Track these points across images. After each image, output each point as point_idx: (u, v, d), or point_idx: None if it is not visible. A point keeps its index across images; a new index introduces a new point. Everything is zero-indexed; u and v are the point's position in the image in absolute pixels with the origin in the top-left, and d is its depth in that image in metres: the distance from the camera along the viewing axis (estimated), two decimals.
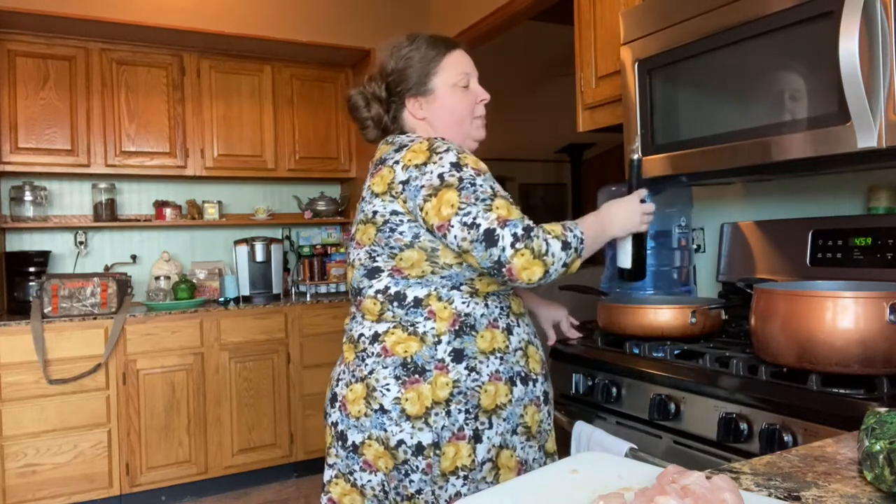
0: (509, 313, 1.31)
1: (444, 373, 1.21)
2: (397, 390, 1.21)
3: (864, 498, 0.68)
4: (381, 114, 1.37)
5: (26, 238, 3.44)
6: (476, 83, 1.39)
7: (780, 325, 1.23)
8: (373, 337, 1.26)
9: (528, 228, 1.14)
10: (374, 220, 1.26)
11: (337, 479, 1.29)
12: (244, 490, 3.35)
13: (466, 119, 1.36)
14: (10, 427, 2.85)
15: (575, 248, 1.18)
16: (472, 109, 1.37)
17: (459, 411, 1.21)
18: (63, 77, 3.27)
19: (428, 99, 1.35)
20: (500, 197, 1.18)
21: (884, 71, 1.18)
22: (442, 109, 1.35)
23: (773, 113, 1.39)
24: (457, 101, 1.35)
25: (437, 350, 1.22)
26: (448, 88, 1.34)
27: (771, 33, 1.38)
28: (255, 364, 3.38)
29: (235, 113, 3.66)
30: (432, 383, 1.21)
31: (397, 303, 1.24)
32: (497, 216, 1.14)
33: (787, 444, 1.14)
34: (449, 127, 1.35)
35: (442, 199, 1.17)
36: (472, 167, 1.20)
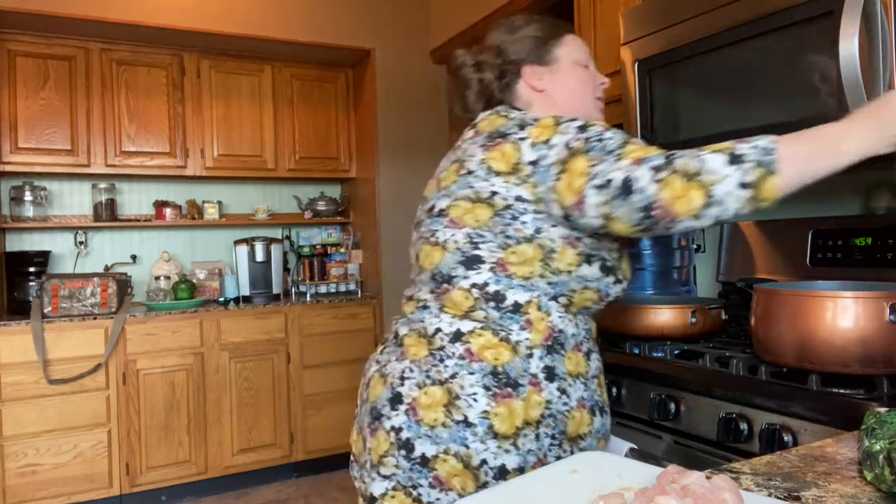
0: (589, 337, 1.17)
1: (537, 390, 1.06)
2: (486, 402, 1.04)
3: (864, 498, 0.68)
4: (491, 80, 1.23)
5: (26, 238, 3.44)
6: (594, 67, 1.28)
7: (780, 325, 1.23)
8: (454, 335, 1.09)
9: (670, 158, 0.93)
10: (490, 202, 1.08)
11: (395, 493, 1.08)
12: (244, 490, 3.35)
13: (588, 98, 1.24)
14: (10, 427, 2.85)
15: (756, 160, 0.88)
16: (593, 89, 1.26)
17: (546, 435, 1.06)
18: (63, 77, 3.28)
19: (550, 69, 1.22)
20: (632, 143, 1.00)
21: (884, 71, 1.18)
22: (564, 83, 1.23)
23: (773, 112, 1.39)
24: (578, 77, 1.24)
25: (529, 363, 1.07)
26: (570, 62, 1.23)
27: (771, 33, 1.38)
28: (255, 364, 3.38)
29: (235, 113, 3.66)
30: (525, 400, 1.05)
31: (494, 303, 1.08)
32: (630, 160, 0.95)
33: (787, 444, 1.14)
34: (570, 102, 1.22)
35: (572, 169, 1.00)
36: (599, 125, 1.06)
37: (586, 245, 1.08)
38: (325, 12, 3.71)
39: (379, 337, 3.69)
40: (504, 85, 1.24)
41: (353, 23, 3.76)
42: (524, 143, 1.08)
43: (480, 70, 1.24)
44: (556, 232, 1.06)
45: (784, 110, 1.37)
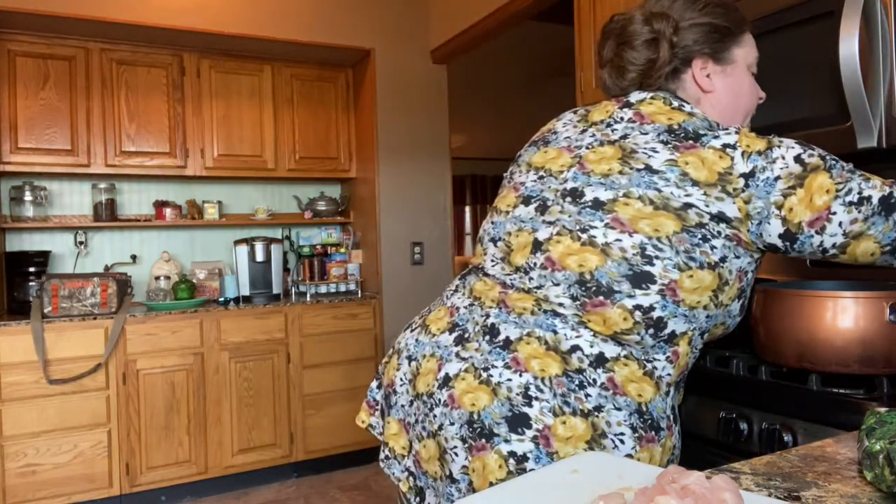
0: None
1: (670, 434, 0.94)
2: (632, 445, 0.90)
3: (864, 498, 0.68)
4: (666, 61, 1.04)
5: (26, 238, 3.44)
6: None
7: (780, 325, 1.23)
8: (596, 359, 0.92)
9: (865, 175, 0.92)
10: (682, 214, 0.92)
11: None
12: (244, 490, 3.35)
13: (750, 110, 1.11)
14: (10, 427, 2.85)
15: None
16: (755, 103, 1.12)
17: None
18: (63, 77, 3.28)
19: (725, 69, 1.07)
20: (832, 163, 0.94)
21: (884, 71, 1.18)
22: (734, 88, 1.07)
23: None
24: (748, 85, 1.09)
25: (667, 403, 0.94)
26: (745, 67, 1.09)
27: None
28: (255, 364, 3.38)
29: (235, 113, 3.66)
30: (664, 447, 0.93)
31: (653, 330, 0.92)
32: (880, 182, 0.92)
33: (787, 444, 1.14)
34: (732, 112, 1.08)
35: (812, 186, 0.90)
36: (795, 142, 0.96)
37: (748, 280, 0.98)
38: (325, 12, 3.71)
39: (379, 337, 3.69)
40: (674, 69, 1.06)
41: (353, 23, 3.76)
42: (734, 151, 0.93)
43: (657, 47, 1.04)
44: (737, 263, 0.95)
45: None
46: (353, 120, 3.99)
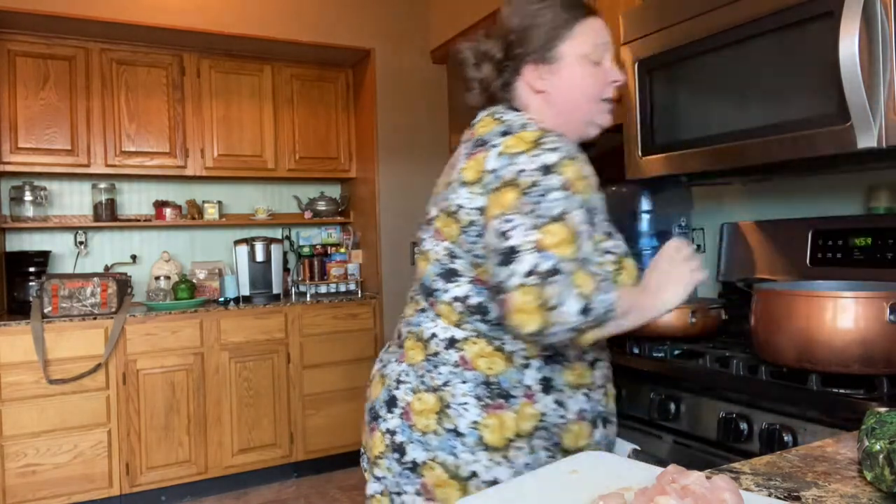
0: (597, 346, 1.11)
1: (530, 402, 1.04)
2: (477, 413, 1.03)
3: (864, 498, 0.68)
4: (491, 77, 1.15)
5: (26, 238, 3.44)
6: (610, 60, 1.16)
7: (780, 325, 1.23)
8: (448, 341, 1.07)
9: (552, 272, 0.92)
10: (457, 216, 1.05)
11: (382, 497, 1.11)
12: (244, 490, 3.35)
13: (593, 100, 1.14)
14: (10, 427, 2.85)
15: (596, 317, 0.93)
16: (601, 90, 1.14)
17: (542, 448, 1.04)
18: (63, 77, 3.27)
19: (551, 68, 1.12)
20: (563, 224, 0.95)
21: (884, 71, 1.18)
22: (566, 84, 1.12)
23: (772, 113, 1.39)
24: (585, 76, 1.12)
25: (524, 375, 1.04)
26: (577, 59, 1.12)
27: (771, 33, 1.38)
28: (255, 364, 3.38)
29: (235, 113, 3.66)
30: (518, 412, 1.03)
31: (479, 316, 1.06)
32: (539, 240, 0.93)
33: (787, 444, 1.14)
34: (570, 105, 1.13)
35: (500, 196, 0.99)
36: (565, 179, 0.99)
37: None
38: (325, 12, 3.71)
39: (379, 337, 3.69)
40: (503, 84, 1.15)
41: (353, 23, 3.76)
42: (494, 150, 1.04)
43: (480, 68, 1.16)
44: None
45: (784, 110, 1.37)
46: (353, 120, 3.99)
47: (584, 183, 1.03)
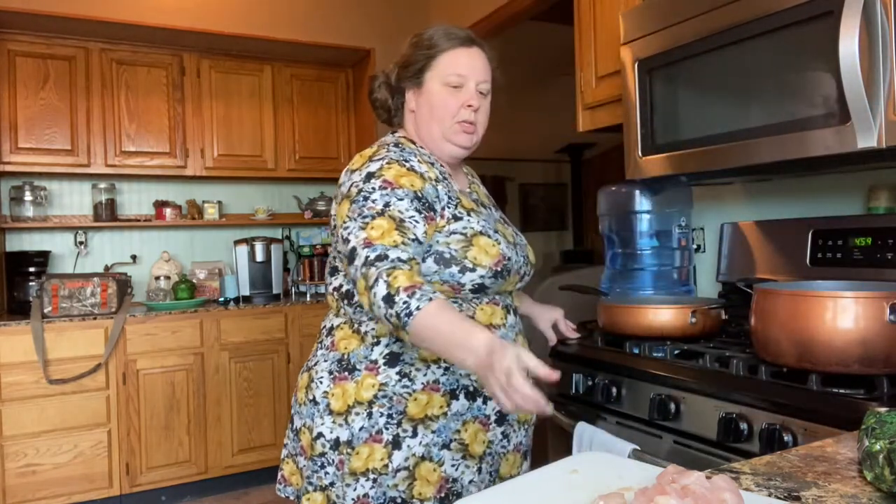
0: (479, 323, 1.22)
1: (372, 374, 1.21)
2: (327, 384, 1.25)
3: (864, 498, 0.68)
4: (386, 98, 1.38)
5: (26, 238, 3.44)
6: (473, 87, 1.31)
7: (780, 325, 1.23)
8: (328, 330, 1.31)
9: (380, 258, 1.08)
10: (333, 224, 1.28)
11: (287, 459, 1.36)
12: (244, 490, 3.35)
13: (445, 119, 1.30)
14: (10, 427, 2.85)
15: (398, 314, 1.02)
16: (453, 111, 1.30)
17: (381, 415, 1.20)
18: (63, 77, 3.27)
19: (420, 91, 1.33)
20: (386, 217, 1.14)
21: (884, 71, 1.18)
22: (426, 103, 1.32)
23: (772, 113, 1.39)
24: (439, 98, 1.31)
25: (372, 351, 1.23)
26: (437, 85, 1.31)
27: (771, 33, 1.38)
28: (255, 364, 3.38)
29: (235, 113, 3.66)
30: (358, 383, 1.22)
31: (347, 301, 1.27)
32: (366, 236, 1.12)
33: (787, 444, 1.14)
34: (427, 123, 1.32)
35: (340, 208, 1.21)
36: (385, 179, 1.18)
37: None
38: (324, 12, 3.71)
39: None
40: (395, 106, 1.39)
41: (353, 23, 3.76)
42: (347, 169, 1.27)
43: (380, 91, 1.39)
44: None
45: (784, 110, 1.37)
46: (353, 120, 3.99)
47: (410, 178, 1.20)
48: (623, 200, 2.06)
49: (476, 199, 1.36)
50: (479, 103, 1.32)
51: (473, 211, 1.28)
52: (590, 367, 1.66)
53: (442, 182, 1.27)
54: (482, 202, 1.38)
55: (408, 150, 1.28)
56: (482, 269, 1.21)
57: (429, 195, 1.22)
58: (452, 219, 1.23)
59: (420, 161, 1.27)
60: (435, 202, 1.22)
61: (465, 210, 1.27)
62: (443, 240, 1.21)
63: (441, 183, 1.27)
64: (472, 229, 1.24)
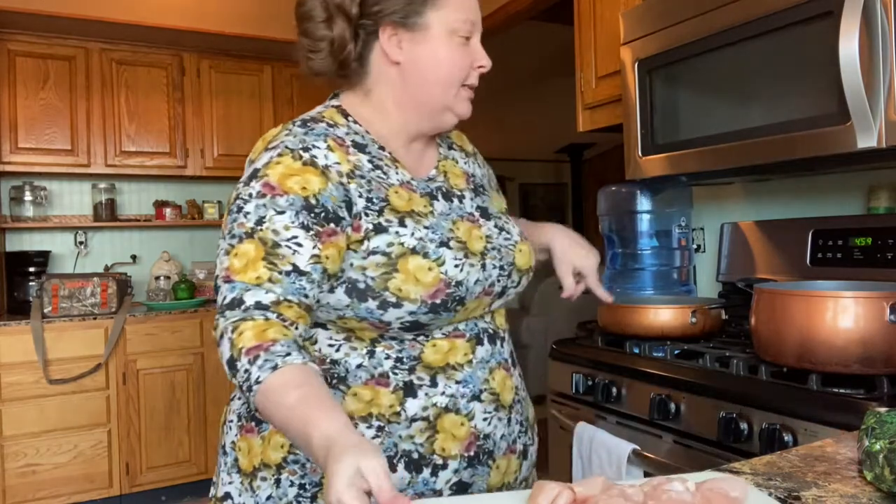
0: (415, 367, 0.91)
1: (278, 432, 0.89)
2: (234, 434, 0.95)
3: (864, 498, 0.68)
4: (344, 38, 0.94)
5: (26, 238, 3.44)
6: (478, 42, 0.99)
7: (780, 325, 1.23)
8: None
9: (232, 304, 0.80)
10: None
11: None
12: None
13: (454, 82, 0.96)
14: (10, 427, 2.85)
15: (241, 385, 0.77)
16: (464, 72, 0.97)
17: (292, 484, 0.89)
18: (63, 77, 3.27)
19: (414, 36, 0.94)
20: (256, 239, 0.82)
21: (884, 71, 1.18)
22: (427, 57, 0.94)
23: (772, 113, 1.39)
24: (450, 53, 0.95)
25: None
26: (445, 33, 0.94)
27: (771, 33, 1.38)
28: None
29: (235, 113, 3.66)
30: (265, 440, 0.91)
31: None
32: (228, 266, 0.82)
33: (787, 444, 1.14)
34: (427, 84, 0.95)
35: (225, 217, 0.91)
36: (266, 182, 0.86)
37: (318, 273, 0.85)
38: None
39: None
40: (358, 53, 0.95)
41: None
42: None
43: (331, 24, 0.94)
44: None
45: (784, 110, 1.37)
46: None
47: (303, 178, 0.86)
48: (623, 200, 2.06)
49: (432, 191, 0.98)
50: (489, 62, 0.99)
51: (412, 215, 0.91)
52: (590, 366, 1.66)
53: (360, 177, 0.91)
54: (448, 191, 1.00)
55: (317, 130, 0.93)
56: (410, 303, 0.87)
57: (329, 201, 0.86)
58: (372, 231, 0.88)
59: (332, 146, 0.91)
60: (339, 209, 0.87)
61: (397, 216, 0.90)
62: (357, 262, 0.87)
63: (356, 179, 0.90)
64: (399, 246, 0.88)
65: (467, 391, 0.93)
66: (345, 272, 0.87)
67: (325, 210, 0.86)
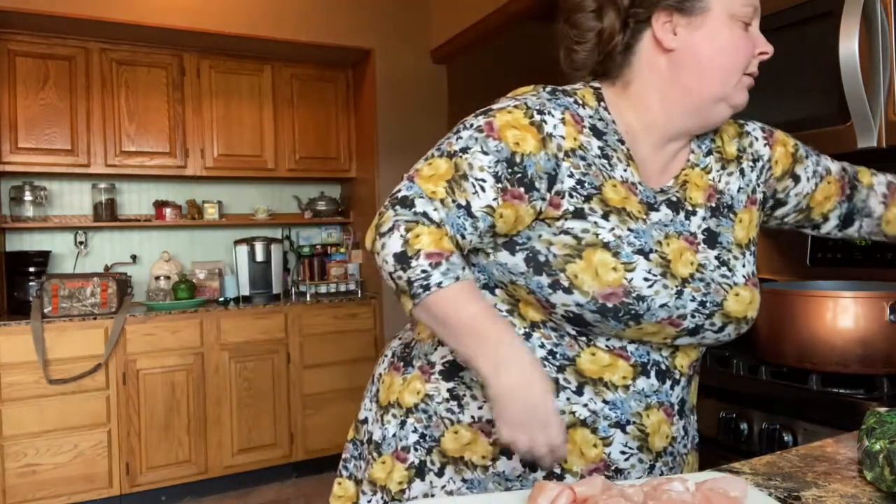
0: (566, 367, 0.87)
1: (423, 378, 0.95)
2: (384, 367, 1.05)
3: (864, 498, 0.68)
4: (614, 28, 0.89)
5: (26, 238, 3.44)
6: (758, 28, 0.90)
7: (780, 325, 1.23)
8: None
9: (404, 202, 0.81)
10: None
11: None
12: (244, 490, 3.35)
13: (735, 71, 0.87)
14: (10, 427, 2.85)
15: (410, 279, 0.78)
16: (745, 60, 0.88)
17: (415, 430, 0.94)
18: (63, 77, 3.27)
19: (692, 21, 0.86)
20: (453, 161, 0.83)
21: (884, 71, 1.18)
22: (706, 44, 0.86)
23: (773, 113, 1.39)
24: (732, 39, 0.86)
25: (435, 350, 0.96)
26: (726, 16, 0.86)
27: (771, 33, 1.38)
28: (255, 364, 3.37)
29: (235, 113, 3.66)
30: (406, 381, 0.97)
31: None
32: (418, 169, 0.85)
33: (787, 444, 1.14)
34: (704, 74, 0.87)
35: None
36: (488, 122, 0.85)
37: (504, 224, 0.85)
38: (324, 12, 3.71)
39: (379, 337, 3.69)
40: (626, 44, 0.90)
41: (353, 23, 3.76)
42: None
43: (602, 15, 0.89)
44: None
45: (784, 110, 1.37)
46: (353, 120, 3.99)
47: (521, 134, 0.84)
48: None
49: (655, 201, 0.89)
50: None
51: (620, 213, 0.86)
52: None
53: (581, 158, 0.86)
54: (678, 201, 0.91)
55: (562, 101, 0.88)
56: (581, 294, 0.82)
57: (532, 166, 0.83)
58: (571, 214, 0.84)
59: (568, 119, 0.87)
60: (538, 179, 0.84)
61: (604, 208, 0.85)
62: (546, 236, 0.85)
63: (574, 159, 0.86)
64: (591, 235, 0.84)
65: (612, 415, 0.86)
66: (530, 240, 0.86)
67: (523, 172, 0.83)
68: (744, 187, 0.96)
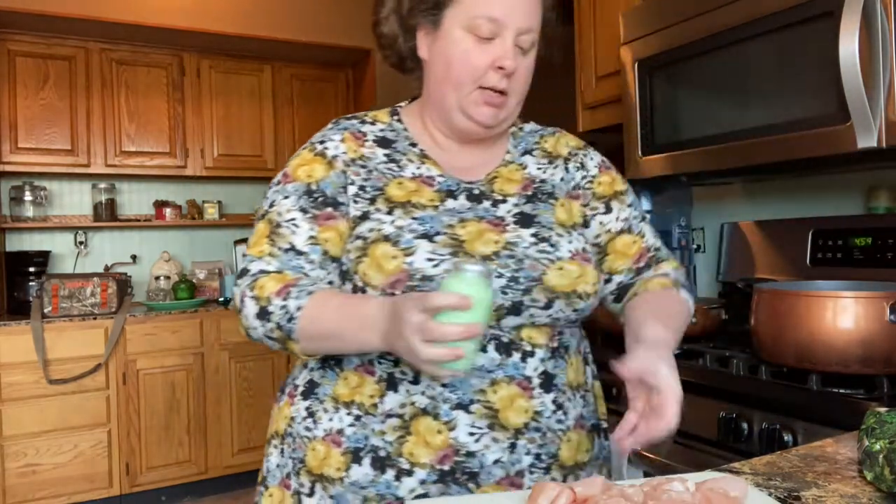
0: (400, 360, 0.85)
1: (289, 403, 0.95)
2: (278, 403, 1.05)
3: (864, 498, 0.68)
4: (396, 34, 0.97)
5: (26, 238, 3.44)
6: (510, 40, 0.89)
7: (780, 325, 1.23)
8: None
9: (242, 273, 0.90)
10: None
11: None
12: (244, 490, 3.34)
13: (463, 82, 0.90)
14: (10, 427, 2.85)
15: (278, 323, 0.83)
16: (476, 73, 0.89)
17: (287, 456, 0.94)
18: (63, 77, 3.27)
19: (434, 33, 0.92)
20: (266, 220, 0.92)
21: (884, 71, 1.18)
22: (441, 54, 0.92)
23: (772, 113, 1.39)
24: (459, 52, 0.89)
25: (300, 374, 0.97)
26: (458, 30, 0.89)
27: (771, 33, 1.38)
28: (254, 364, 3.37)
29: (235, 113, 3.66)
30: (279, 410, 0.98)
31: None
32: (247, 243, 0.94)
33: (787, 444, 1.14)
34: (439, 83, 0.93)
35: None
36: (285, 171, 0.97)
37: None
38: (324, 12, 3.71)
39: None
40: (409, 47, 0.98)
41: (353, 23, 3.75)
42: None
43: (386, 23, 0.98)
44: None
45: (784, 110, 1.37)
46: None
47: (310, 167, 0.93)
48: None
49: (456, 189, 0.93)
50: (515, 64, 0.89)
51: (405, 206, 0.90)
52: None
53: (361, 167, 0.93)
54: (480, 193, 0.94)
55: (343, 125, 0.98)
56: (372, 289, 0.86)
57: (329, 187, 0.91)
58: (359, 218, 0.90)
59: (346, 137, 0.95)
60: (339, 194, 0.91)
61: (388, 205, 0.90)
62: (347, 245, 0.91)
63: (355, 167, 0.93)
64: (375, 233, 0.87)
65: (452, 397, 0.84)
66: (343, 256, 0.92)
67: (323, 195, 0.91)
68: (566, 180, 1.01)
